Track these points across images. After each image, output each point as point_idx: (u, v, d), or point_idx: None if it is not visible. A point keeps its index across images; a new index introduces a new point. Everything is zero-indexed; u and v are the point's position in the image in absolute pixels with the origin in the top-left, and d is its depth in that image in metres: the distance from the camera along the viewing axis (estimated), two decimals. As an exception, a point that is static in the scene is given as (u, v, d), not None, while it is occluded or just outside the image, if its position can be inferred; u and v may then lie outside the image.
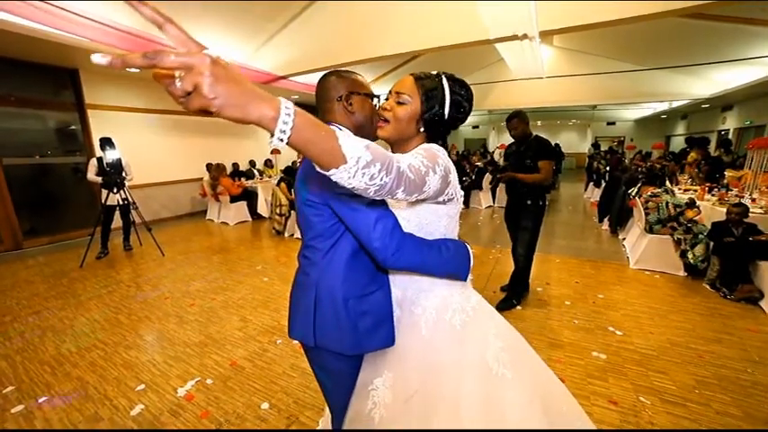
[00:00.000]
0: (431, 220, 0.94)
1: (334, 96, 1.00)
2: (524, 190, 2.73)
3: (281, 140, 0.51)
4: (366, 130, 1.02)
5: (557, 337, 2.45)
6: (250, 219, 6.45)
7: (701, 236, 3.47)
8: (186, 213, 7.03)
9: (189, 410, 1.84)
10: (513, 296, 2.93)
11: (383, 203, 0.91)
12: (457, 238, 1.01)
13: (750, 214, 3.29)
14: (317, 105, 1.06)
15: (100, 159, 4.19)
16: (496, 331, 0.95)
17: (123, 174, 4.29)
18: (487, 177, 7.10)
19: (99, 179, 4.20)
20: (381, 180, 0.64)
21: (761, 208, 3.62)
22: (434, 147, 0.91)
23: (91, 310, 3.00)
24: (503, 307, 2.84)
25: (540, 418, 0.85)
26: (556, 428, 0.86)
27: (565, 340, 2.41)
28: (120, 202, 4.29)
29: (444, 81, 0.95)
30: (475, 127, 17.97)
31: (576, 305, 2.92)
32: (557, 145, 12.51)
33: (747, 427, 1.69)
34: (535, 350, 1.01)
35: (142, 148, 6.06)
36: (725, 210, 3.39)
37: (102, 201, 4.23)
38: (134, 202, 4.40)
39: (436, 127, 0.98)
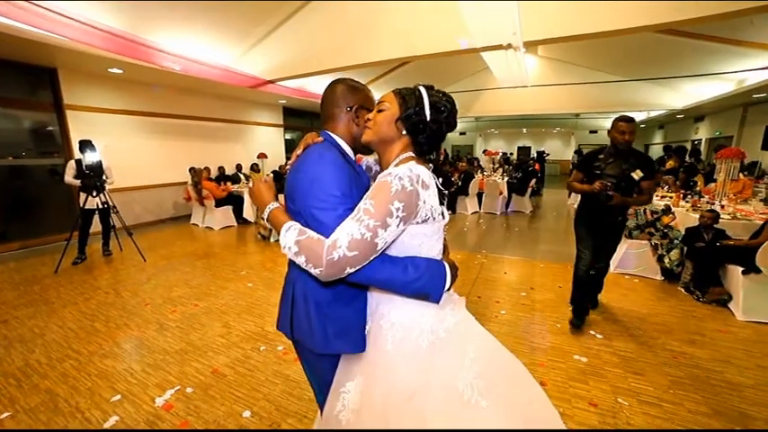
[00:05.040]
0: (402, 240, 0.91)
1: (343, 105, 1.03)
2: (618, 208, 2.52)
3: (266, 215, 0.97)
4: (359, 144, 1.06)
5: (540, 342, 2.49)
6: (235, 223, 6.35)
7: (676, 241, 3.61)
8: (170, 218, 6.87)
9: (167, 421, 1.78)
10: (585, 311, 2.78)
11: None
12: (438, 257, 0.97)
13: (720, 220, 3.43)
14: (321, 109, 1.07)
15: (78, 162, 4.07)
16: (475, 356, 0.91)
17: (104, 177, 4.17)
18: (475, 182, 7.18)
19: (77, 182, 4.07)
20: (312, 269, 0.83)
21: (728, 214, 3.77)
22: (393, 177, 0.84)
23: (65, 318, 2.88)
24: (578, 324, 2.66)
25: None
26: None
27: (548, 344, 2.45)
28: (100, 206, 4.16)
29: (421, 87, 0.96)
30: (462, 133, 18.25)
31: (559, 309, 2.97)
32: (543, 152, 12.81)
33: (717, 424, 1.75)
34: (518, 355, 0.99)
35: (124, 150, 5.91)
36: (698, 216, 3.53)
37: (81, 204, 4.09)
38: (114, 206, 4.28)
39: (420, 131, 0.94)
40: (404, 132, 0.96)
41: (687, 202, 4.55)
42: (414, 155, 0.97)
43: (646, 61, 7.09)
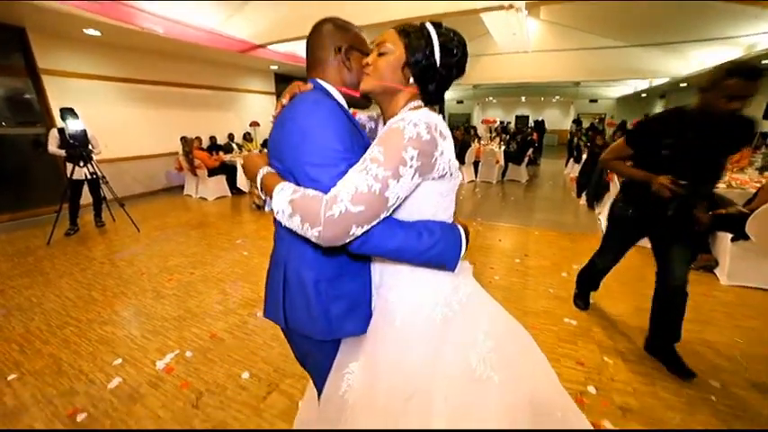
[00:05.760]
0: (414, 198, 0.79)
1: (330, 46, 0.87)
2: (698, 200, 1.79)
3: (258, 183, 0.84)
4: (355, 95, 0.90)
5: (532, 306, 2.55)
6: (229, 193, 6.28)
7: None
8: (162, 189, 6.77)
9: (168, 382, 1.83)
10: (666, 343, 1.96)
11: None
12: (450, 220, 0.86)
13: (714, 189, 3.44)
14: (306, 55, 0.92)
15: (61, 130, 3.91)
16: (488, 329, 0.86)
17: (90, 147, 4.04)
18: (471, 151, 7.09)
19: (62, 152, 3.94)
20: (308, 230, 0.69)
21: (724, 183, 3.78)
22: (407, 123, 0.72)
23: (61, 287, 2.89)
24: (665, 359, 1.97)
25: (527, 424, 0.82)
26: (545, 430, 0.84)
27: (540, 308, 2.51)
28: (88, 177, 4.06)
29: (429, 26, 0.82)
30: (459, 102, 17.80)
31: (552, 275, 3.03)
32: (542, 121, 12.60)
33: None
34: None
35: (111, 120, 5.70)
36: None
37: (68, 175, 3.98)
38: (104, 177, 4.18)
39: (429, 78, 0.81)
40: (411, 81, 0.81)
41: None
42: (423, 104, 0.85)
43: (651, 25, 6.79)
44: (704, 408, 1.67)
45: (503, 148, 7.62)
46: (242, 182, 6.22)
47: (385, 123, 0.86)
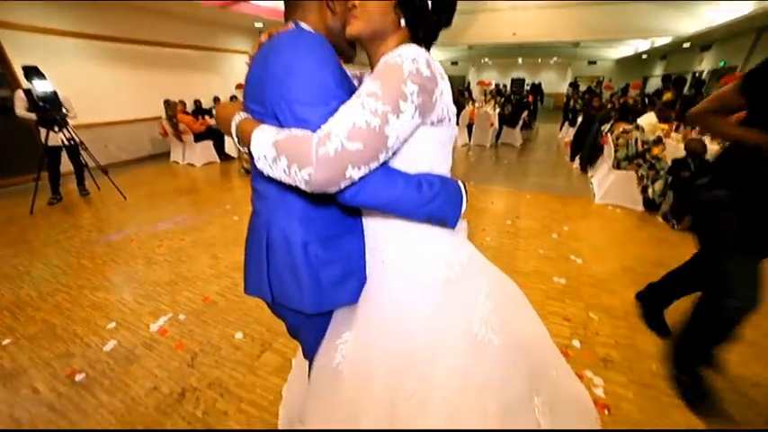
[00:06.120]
0: (412, 146, 0.72)
1: None
2: None
3: (233, 132, 0.73)
4: (339, 42, 0.80)
5: (522, 266, 2.59)
6: (218, 159, 6.12)
7: (662, 172, 3.63)
8: (148, 156, 6.55)
9: (163, 343, 1.86)
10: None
11: None
12: (447, 174, 0.80)
13: (709, 151, 3.42)
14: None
15: (28, 92, 3.63)
16: (489, 290, 0.83)
17: (64, 110, 3.81)
18: (465, 113, 6.92)
19: (32, 115, 3.69)
20: (297, 174, 0.61)
21: (718, 144, 3.76)
22: (405, 58, 0.65)
23: (48, 255, 2.85)
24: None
25: (525, 385, 0.82)
26: (543, 398, 0.85)
27: (530, 268, 2.56)
28: (66, 143, 3.87)
29: None
30: (454, 63, 17.14)
31: (543, 236, 3.06)
32: (538, 84, 12.27)
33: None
34: None
35: (84, 81, 5.36)
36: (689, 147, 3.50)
37: (43, 141, 3.78)
38: (82, 143, 3.99)
39: (422, 19, 0.74)
40: (402, 23, 0.73)
41: (679, 133, 4.50)
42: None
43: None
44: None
45: (497, 110, 7.44)
46: (230, 147, 6.04)
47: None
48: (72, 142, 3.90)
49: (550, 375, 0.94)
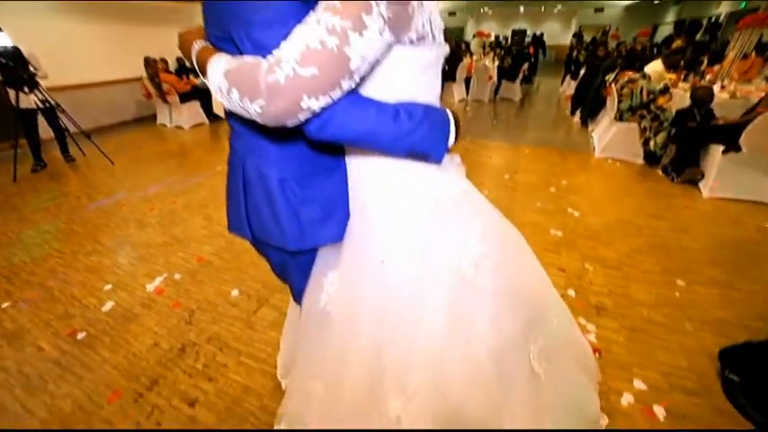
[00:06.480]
0: (386, 70, 0.62)
1: None
2: None
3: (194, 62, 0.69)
4: None
5: (519, 219, 2.57)
6: (207, 121, 5.88)
7: (665, 123, 3.52)
8: (133, 119, 6.28)
9: (160, 302, 1.87)
10: None
11: None
12: (436, 104, 0.71)
13: (716, 100, 3.29)
14: None
15: None
16: (481, 231, 0.77)
17: (31, 68, 3.55)
18: (463, 66, 6.59)
19: None
20: (249, 106, 0.54)
21: (728, 92, 3.61)
22: None
23: (38, 222, 2.79)
24: None
25: (520, 331, 0.79)
26: (540, 345, 0.82)
27: (527, 221, 2.55)
28: (40, 105, 3.64)
29: None
30: (451, 14, 16.10)
31: (540, 190, 3.02)
32: (540, 35, 11.59)
33: (662, 280, 1.96)
34: None
35: (54, 38, 4.95)
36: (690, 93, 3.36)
37: (14, 103, 3.53)
38: (58, 105, 3.77)
39: None
40: None
41: (687, 82, 4.30)
42: None
43: None
44: (669, 303, 1.80)
45: (496, 63, 7.08)
46: (218, 107, 5.78)
47: None
48: (47, 104, 3.68)
49: (550, 323, 0.92)
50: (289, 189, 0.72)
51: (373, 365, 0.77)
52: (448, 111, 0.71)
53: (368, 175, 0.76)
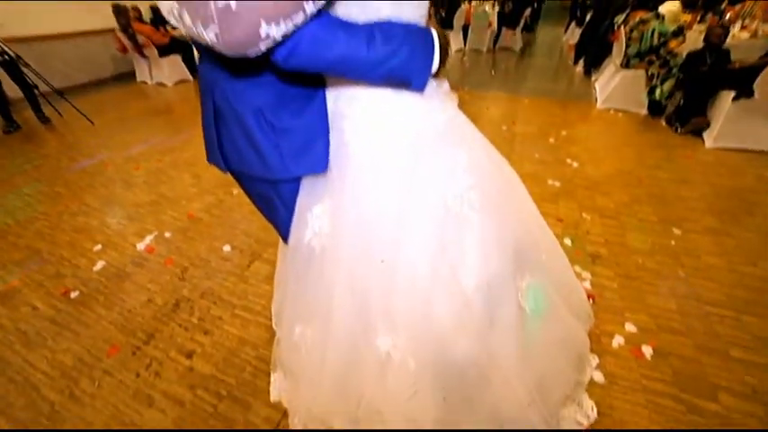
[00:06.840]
0: None
1: None
2: None
3: None
4: None
5: (517, 170, 2.48)
6: (190, 77, 5.52)
7: (674, 70, 3.34)
8: (111, 76, 5.88)
9: (152, 260, 1.85)
10: None
11: None
12: (421, 23, 0.64)
13: (735, 41, 3.09)
14: None
15: None
16: (468, 163, 0.74)
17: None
18: (461, 13, 6.15)
19: None
20: (203, 35, 0.47)
21: (749, 32, 3.38)
22: None
23: (17, 185, 2.68)
24: None
25: (508, 265, 0.77)
26: (528, 281, 0.81)
27: (524, 172, 2.47)
28: (-1, 59, 3.35)
29: None
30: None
31: (539, 141, 2.93)
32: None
33: (659, 228, 1.95)
34: None
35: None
36: (705, 34, 3.15)
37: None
38: (20, 58, 3.47)
39: None
40: None
41: (704, 23, 4.00)
42: None
43: None
44: (663, 251, 1.80)
45: (497, 9, 6.60)
46: (199, 62, 5.42)
47: None
48: (6, 57, 3.39)
49: (539, 260, 0.91)
50: (264, 121, 0.67)
51: (359, 302, 0.76)
52: (433, 30, 0.64)
53: (345, 105, 0.71)
